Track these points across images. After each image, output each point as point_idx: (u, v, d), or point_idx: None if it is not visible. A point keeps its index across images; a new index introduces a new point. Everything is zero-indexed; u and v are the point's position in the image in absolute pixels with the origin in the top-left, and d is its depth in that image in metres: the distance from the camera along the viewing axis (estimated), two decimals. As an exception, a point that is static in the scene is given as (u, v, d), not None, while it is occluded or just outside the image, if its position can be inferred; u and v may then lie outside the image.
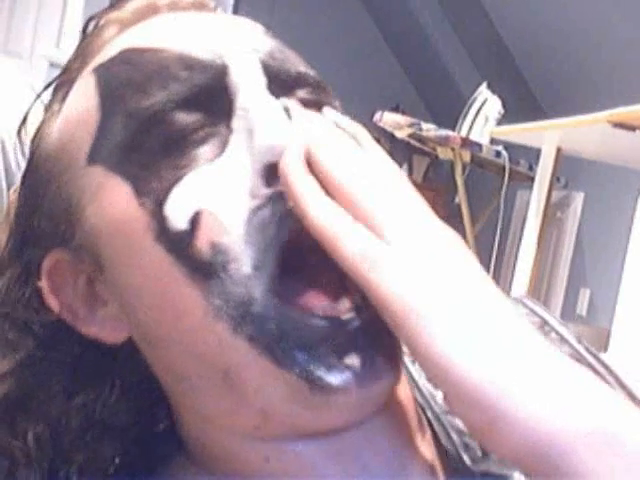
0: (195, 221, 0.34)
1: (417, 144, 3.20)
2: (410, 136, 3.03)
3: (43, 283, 0.39)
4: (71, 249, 0.38)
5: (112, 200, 0.36)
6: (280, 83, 0.38)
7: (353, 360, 0.34)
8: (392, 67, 5.17)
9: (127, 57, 0.38)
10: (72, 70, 0.41)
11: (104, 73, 0.38)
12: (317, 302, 0.35)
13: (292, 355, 0.33)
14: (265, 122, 0.35)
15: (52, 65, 2.88)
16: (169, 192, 0.34)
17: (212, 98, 0.36)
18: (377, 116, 3.00)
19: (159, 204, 0.35)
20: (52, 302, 0.39)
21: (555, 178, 2.21)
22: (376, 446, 0.37)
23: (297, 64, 0.41)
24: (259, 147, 0.34)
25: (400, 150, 4.88)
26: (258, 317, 0.33)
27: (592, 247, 3.28)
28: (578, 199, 3.41)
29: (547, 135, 2.12)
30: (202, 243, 0.34)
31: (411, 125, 2.94)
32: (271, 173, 0.34)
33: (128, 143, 0.36)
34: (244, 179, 0.35)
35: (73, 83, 0.40)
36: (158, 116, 0.35)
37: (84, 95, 0.39)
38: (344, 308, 0.35)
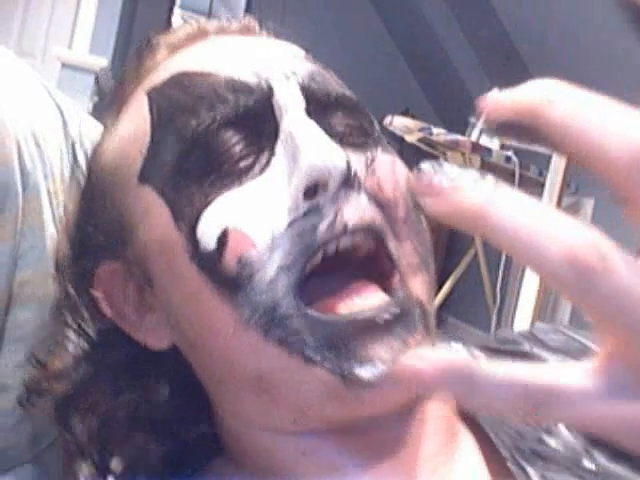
0: (222, 240, 0.36)
1: (427, 148, 3.20)
2: (420, 140, 3.02)
3: (97, 290, 0.42)
4: (123, 261, 0.41)
5: (157, 222, 0.39)
6: (319, 105, 0.40)
7: (383, 354, 0.35)
8: (402, 71, 5.17)
9: (178, 81, 0.40)
10: (125, 88, 0.43)
11: (156, 96, 0.41)
12: (342, 301, 0.36)
13: (322, 352, 0.35)
14: (311, 144, 0.36)
15: (64, 65, 2.90)
16: (200, 215, 0.37)
17: (257, 120, 0.38)
18: (387, 120, 3.00)
19: (192, 227, 0.37)
20: (105, 308, 0.42)
21: (565, 184, 2.21)
22: (412, 441, 0.38)
23: (336, 87, 0.42)
24: (303, 166, 0.36)
25: (410, 154, 4.88)
26: (284, 320, 0.35)
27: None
28: (588, 205, 3.39)
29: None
30: (229, 259, 0.36)
31: (421, 129, 2.94)
32: (311, 190, 0.36)
33: (174, 165, 0.38)
34: (282, 196, 0.37)
35: (126, 101, 0.43)
36: (203, 135, 0.38)
37: (137, 115, 0.41)
38: (371, 305, 0.36)
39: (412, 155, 5.04)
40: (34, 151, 0.56)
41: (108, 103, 0.45)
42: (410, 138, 3.03)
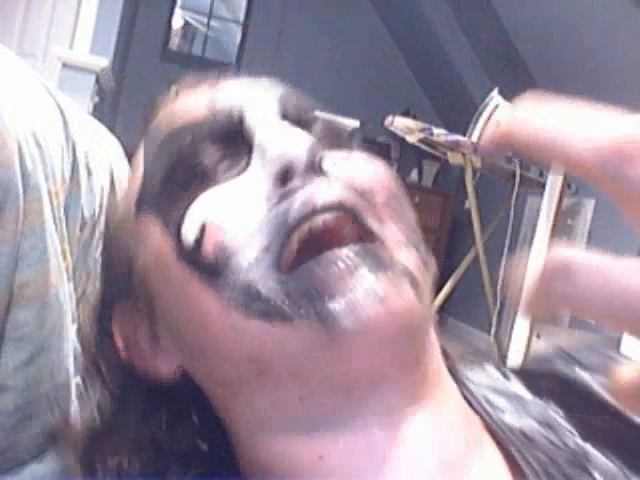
0: (201, 232, 0.39)
1: (427, 149, 3.20)
2: (421, 141, 3.02)
3: (115, 335, 0.44)
4: (131, 297, 0.43)
5: (152, 237, 0.41)
6: (295, 118, 0.42)
7: (357, 292, 0.36)
8: (403, 72, 5.18)
9: (165, 118, 0.45)
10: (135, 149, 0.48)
11: (148, 135, 0.45)
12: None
13: (297, 305, 0.36)
14: (274, 136, 0.40)
15: (65, 65, 2.90)
16: (184, 216, 0.39)
17: (234, 135, 0.42)
18: (388, 120, 3.00)
19: (178, 228, 0.40)
20: (122, 350, 0.44)
21: (566, 185, 2.21)
22: (425, 447, 0.38)
23: (313, 105, 0.45)
24: (270, 157, 0.39)
25: (410, 155, 4.88)
26: (263, 293, 0.37)
27: (602, 254, 3.27)
28: (589, 206, 3.40)
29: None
30: (207, 247, 0.38)
31: (422, 130, 2.94)
32: (282, 177, 0.39)
33: (162, 182, 0.42)
34: (258, 189, 0.39)
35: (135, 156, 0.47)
36: (186, 152, 0.41)
37: (136, 157, 0.45)
38: (339, 251, 0.37)
39: (413, 155, 5.03)
40: (35, 152, 0.56)
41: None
42: (411, 138, 3.03)
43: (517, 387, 0.45)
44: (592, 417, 0.42)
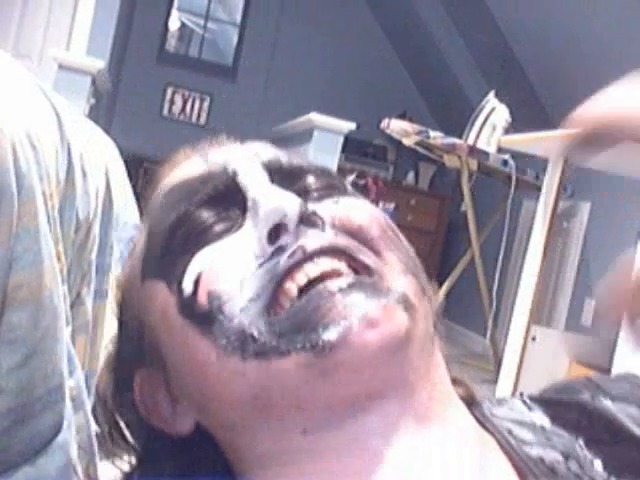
0: (196, 282, 0.41)
1: (424, 151, 3.20)
2: (417, 144, 3.03)
3: (135, 395, 0.46)
4: (147, 363, 0.45)
5: (157, 298, 0.43)
6: (284, 174, 0.45)
7: (342, 312, 0.37)
8: (400, 74, 5.18)
9: (163, 189, 0.47)
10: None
11: (147, 210, 0.48)
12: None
13: (292, 341, 0.38)
14: (267, 197, 0.42)
15: (61, 67, 2.89)
16: (185, 271, 0.42)
17: (227, 198, 0.44)
18: (385, 123, 3.00)
19: (179, 284, 0.42)
20: (142, 410, 0.46)
21: (562, 188, 2.21)
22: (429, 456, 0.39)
23: (303, 160, 0.47)
24: (262, 214, 0.41)
25: (407, 157, 4.88)
26: (256, 336, 0.38)
27: (598, 257, 3.28)
28: (584, 209, 3.40)
29: (555, 145, 2.12)
30: (201, 295, 0.40)
31: (419, 133, 2.94)
32: (274, 234, 0.41)
33: (163, 247, 0.44)
34: (251, 244, 0.41)
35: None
36: (184, 218, 0.43)
37: (139, 231, 0.49)
38: (333, 283, 0.39)
39: (409, 158, 5.04)
40: (29, 153, 0.56)
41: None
42: (407, 141, 3.03)
43: (541, 419, 0.45)
44: (617, 448, 0.42)
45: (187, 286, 0.41)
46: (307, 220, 0.41)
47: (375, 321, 0.37)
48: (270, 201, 0.41)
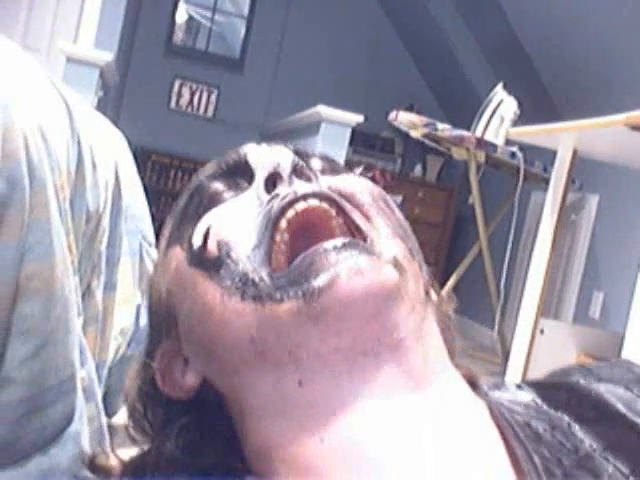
0: (205, 235, 0.44)
1: (431, 144, 3.19)
2: (425, 136, 3.02)
3: (155, 370, 0.48)
4: (167, 334, 0.47)
5: (173, 260, 0.47)
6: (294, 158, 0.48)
7: (333, 262, 0.40)
8: (407, 67, 5.17)
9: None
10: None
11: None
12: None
13: (287, 291, 0.40)
14: (263, 153, 0.46)
15: (69, 60, 2.89)
16: (194, 229, 0.45)
17: (236, 172, 0.48)
18: (392, 115, 2.99)
19: (189, 241, 0.45)
20: (159, 382, 0.47)
21: (570, 180, 2.20)
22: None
23: (314, 151, 0.51)
24: (260, 165, 0.45)
25: (414, 150, 4.87)
26: (256, 281, 0.41)
27: (606, 250, 3.27)
28: (593, 202, 3.39)
29: (563, 137, 2.11)
30: (211, 245, 0.44)
31: (426, 125, 2.94)
32: (270, 183, 0.45)
33: (178, 218, 0.48)
34: (253, 198, 0.45)
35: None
36: (196, 189, 0.48)
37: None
38: (329, 243, 0.41)
39: (417, 150, 5.01)
40: (41, 145, 0.56)
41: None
42: (415, 133, 3.03)
43: (532, 397, 0.46)
44: (603, 425, 0.42)
45: (196, 240, 0.44)
46: (300, 172, 0.45)
47: (363, 270, 0.40)
48: (266, 154, 0.46)
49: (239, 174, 0.48)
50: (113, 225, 0.83)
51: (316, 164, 0.49)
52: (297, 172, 0.45)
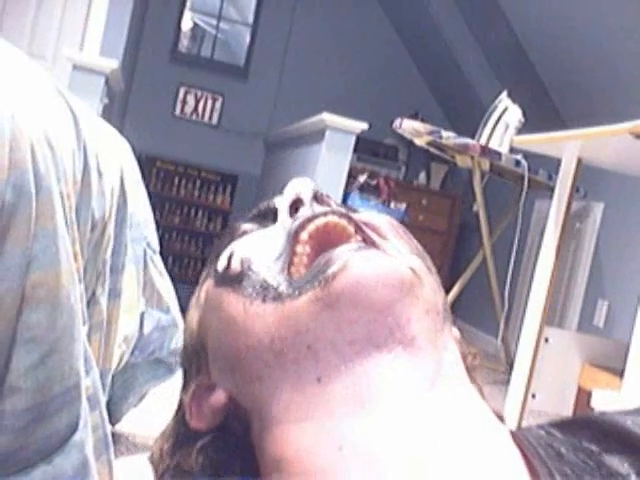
0: (230, 257, 0.47)
1: (436, 152, 3.20)
2: (429, 144, 3.02)
3: (186, 405, 0.49)
4: (199, 372, 0.49)
5: (203, 294, 0.49)
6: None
7: (354, 257, 0.42)
8: (412, 74, 5.17)
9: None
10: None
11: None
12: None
13: (304, 286, 0.42)
14: (285, 195, 0.49)
15: (75, 67, 2.90)
16: (219, 256, 0.49)
17: (265, 218, 0.52)
18: (397, 123, 3.00)
19: (215, 267, 0.48)
20: (188, 416, 0.48)
21: (575, 188, 2.20)
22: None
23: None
24: (285, 195, 0.48)
25: (418, 157, 4.87)
26: (276, 286, 0.44)
27: (611, 258, 3.26)
28: (597, 210, 3.39)
29: (568, 145, 2.11)
30: (234, 263, 0.46)
31: (431, 133, 2.94)
32: (294, 209, 0.48)
33: (213, 257, 0.51)
34: (277, 226, 0.48)
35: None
36: (230, 227, 0.52)
37: None
38: (344, 245, 0.44)
39: (421, 158, 5.02)
40: (47, 153, 0.56)
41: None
42: (419, 141, 3.03)
43: (553, 431, 0.45)
44: (633, 457, 0.42)
45: (221, 264, 0.48)
46: (321, 199, 0.49)
47: (378, 259, 0.42)
48: (289, 186, 0.49)
49: (267, 217, 0.51)
50: (118, 233, 0.83)
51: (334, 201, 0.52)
52: (317, 199, 0.48)
